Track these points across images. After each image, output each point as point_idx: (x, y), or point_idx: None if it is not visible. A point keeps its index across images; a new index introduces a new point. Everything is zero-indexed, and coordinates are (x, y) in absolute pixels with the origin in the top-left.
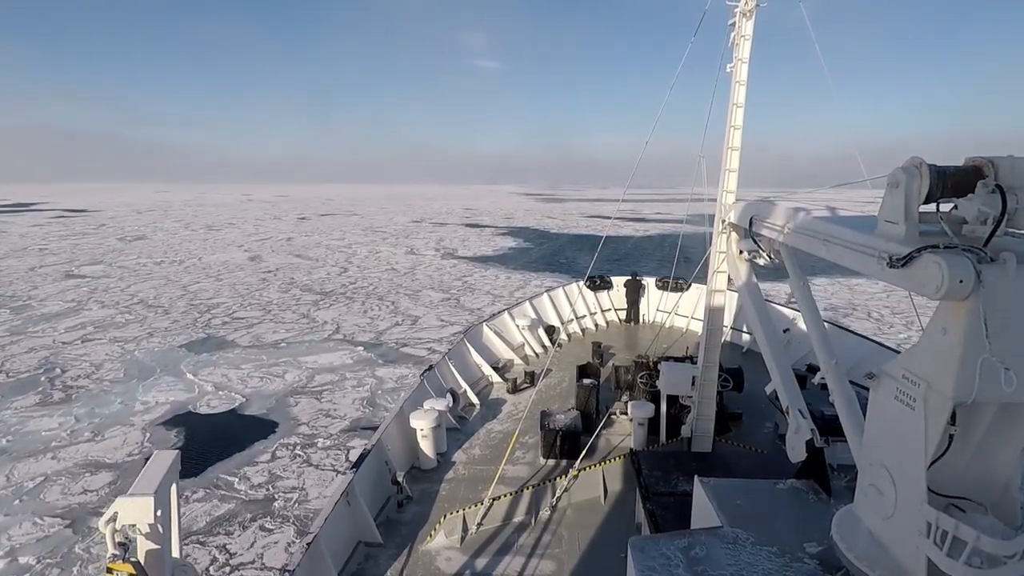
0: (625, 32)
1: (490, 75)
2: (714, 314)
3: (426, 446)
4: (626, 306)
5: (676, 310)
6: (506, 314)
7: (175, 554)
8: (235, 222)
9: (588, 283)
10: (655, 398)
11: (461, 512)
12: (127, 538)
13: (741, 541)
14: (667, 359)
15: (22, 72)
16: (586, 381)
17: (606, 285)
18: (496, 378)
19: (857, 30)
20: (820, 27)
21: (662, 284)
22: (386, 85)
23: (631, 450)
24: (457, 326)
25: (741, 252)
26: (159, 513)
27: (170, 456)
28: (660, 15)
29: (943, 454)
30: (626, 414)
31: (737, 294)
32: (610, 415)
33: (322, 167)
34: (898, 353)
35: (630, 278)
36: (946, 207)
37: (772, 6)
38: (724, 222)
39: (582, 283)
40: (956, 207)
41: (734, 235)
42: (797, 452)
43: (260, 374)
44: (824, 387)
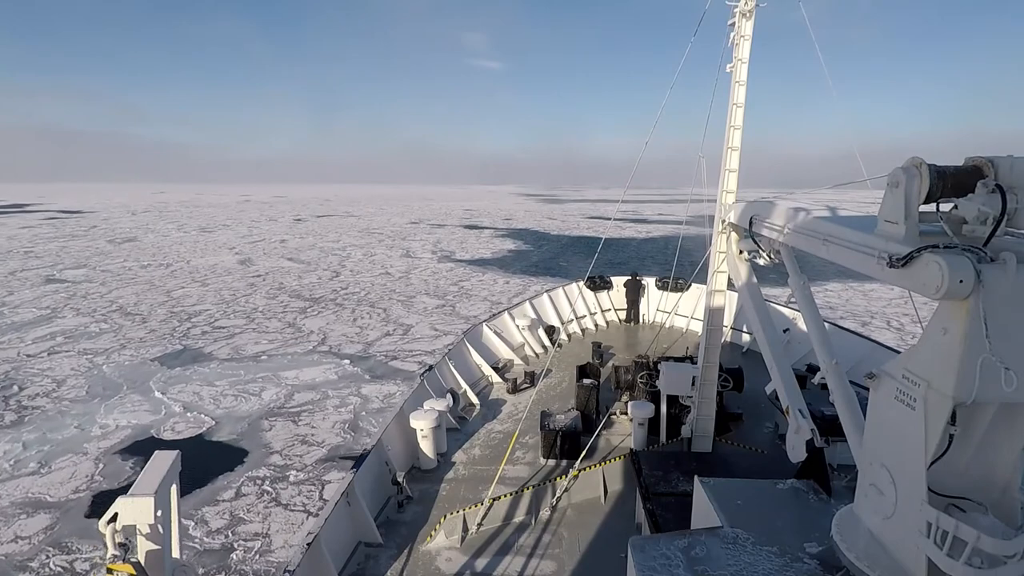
0: (626, 32)
1: (491, 75)
2: (714, 314)
3: (426, 446)
4: (626, 306)
5: (676, 310)
6: (506, 314)
7: (175, 555)
8: (230, 223)
9: (588, 283)
10: (655, 398)
11: (461, 512)
12: (127, 539)
13: (741, 541)
14: (667, 359)
15: (21, 71)
16: (586, 381)
17: (606, 285)
18: (496, 378)
19: (858, 30)
20: (821, 27)
21: (662, 284)
22: (386, 85)
23: (631, 450)
24: (451, 336)
25: (741, 252)
26: (159, 514)
27: (170, 456)
28: (661, 16)
29: (943, 454)
30: (626, 414)
31: (737, 294)
32: (610, 415)
33: (321, 167)
34: (898, 353)
35: (630, 278)
36: (946, 207)
37: (772, 6)
38: (724, 222)
39: (582, 283)
40: (956, 207)
41: (734, 235)
42: (797, 452)
43: (235, 392)
44: (824, 387)
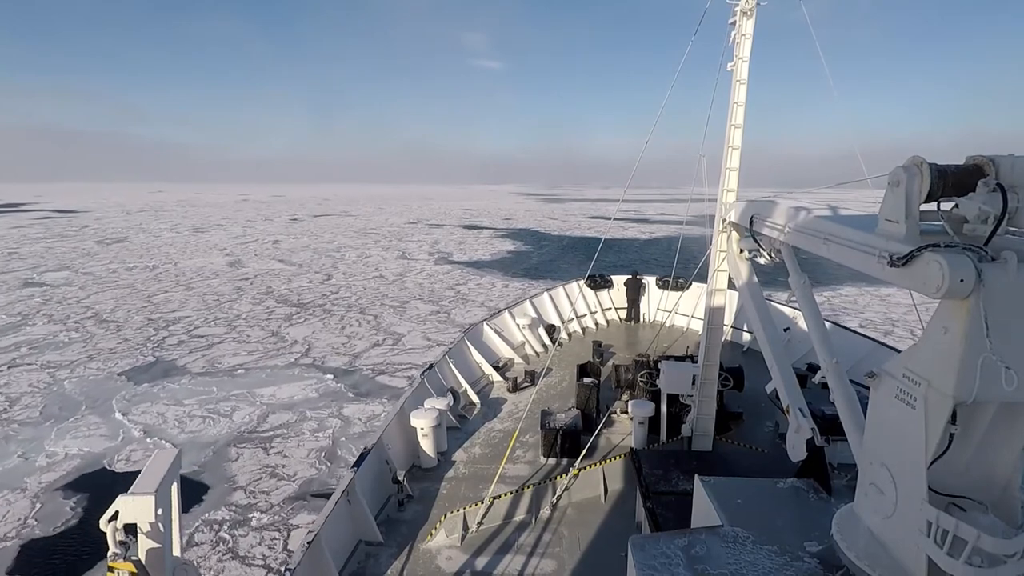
0: (626, 32)
1: (491, 75)
2: (714, 313)
3: (427, 445)
4: (626, 305)
5: (676, 309)
6: (506, 313)
7: (176, 553)
8: (224, 223)
9: (588, 282)
10: (655, 397)
11: (462, 511)
12: (128, 537)
13: (741, 540)
14: (667, 358)
15: (21, 71)
16: (586, 380)
17: (606, 284)
18: (496, 377)
19: (859, 30)
20: (822, 26)
21: (662, 283)
22: (386, 85)
23: (631, 449)
24: (443, 347)
25: (742, 251)
26: (160, 512)
27: (171, 454)
28: (662, 14)
29: (943, 453)
30: (626, 413)
31: (738, 293)
32: (610, 414)
33: (321, 167)
34: (899, 352)
35: (630, 277)
36: (947, 206)
37: (773, 5)
38: (725, 221)
39: (582, 282)
40: (957, 206)
41: (735, 234)
42: (797, 451)
43: (204, 412)
44: (825, 386)
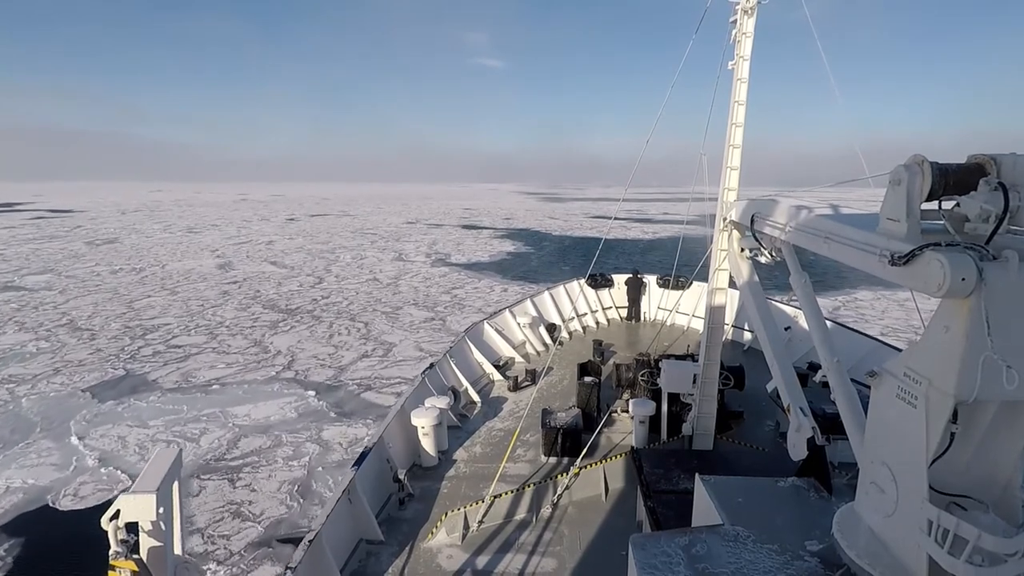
0: (628, 30)
1: (493, 74)
2: (715, 312)
3: (427, 444)
4: (627, 304)
5: (677, 308)
6: (507, 312)
7: (177, 551)
8: (219, 224)
9: (589, 281)
10: (656, 396)
11: (462, 510)
12: (129, 535)
13: (742, 539)
14: (668, 357)
15: (20, 71)
16: (587, 379)
17: (607, 283)
18: (497, 376)
19: (863, 29)
20: (824, 25)
21: (663, 282)
22: (388, 83)
23: (632, 448)
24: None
25: (743, 250)
26: (161, 510)
27: (172, 453)
28: (663, 13)
29: (944, 452)
30: (627, 412)
31: (738, 292)
32: (611, 413)
33: (322, 166)
34: (900, 351)
35: (631, 276)
36: (948, 205)
37: (775, 3)
38: (726, 220)
39: (583, 281)
40: (958, 205)
41: (735, 233)
42: (798, 450)
43: (169, 435)
44: (825, 385)
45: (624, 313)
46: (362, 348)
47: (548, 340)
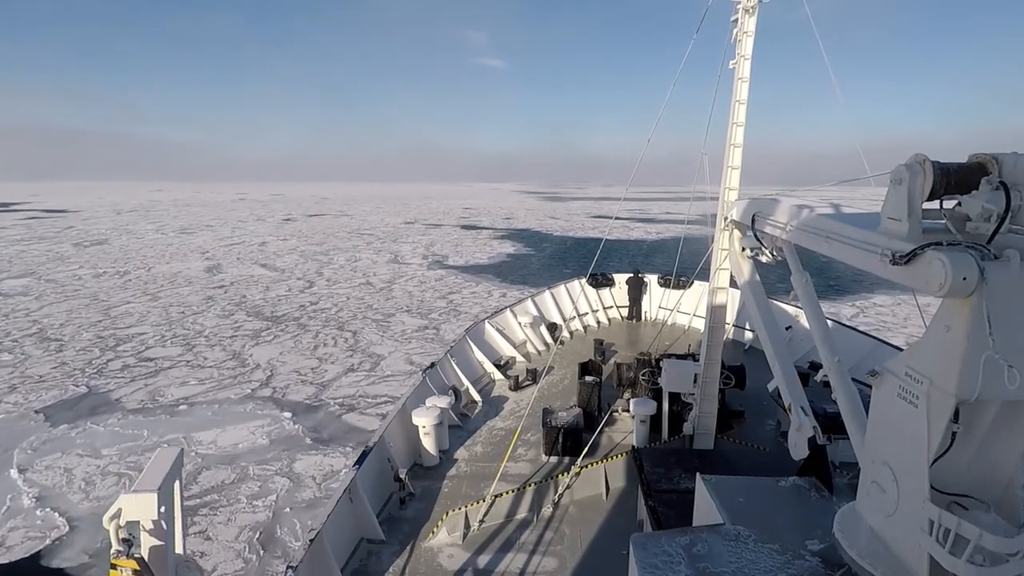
0: (629, 30)
1: (494, 73)
2: (716, 311)
3: (428, 443)
4: (628, 303)
5: (678, 307)
6: (508, 311)
7: (178, 550)
8: (214, 224)
9: (590, 280)
10: (657, 395)
11: (463, 509)
12: (131, 534)
13: (743, 538)
14: (669, 356)
15: (20, 71)
16: (588, 378)
17: (608, 282)
18: (498, 375)
19: (863, 28)
20: (826, 24)
21: (664, 281)
22: (388, 83)
23: (633, 447)
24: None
25: (744, 249)
26: (163, 509)
27: (173, 452)
28: (665, 13)
29: (945, 452)
30: (628, 411)
31: (739, 291)
32: (612, 412)
33: (323, 165)
34: (901, 351)
35: (632, 275)
36: (950, 204)
37: (776, 3)
38: (727, 219)
39: (584, 280)
40: (959, 204)
41: (736, 232)
42: (799, 449)
43: (122, 468)
44: (826, 384)
45: (625, 312)
46: (348, 361)
47: (549, 339)
